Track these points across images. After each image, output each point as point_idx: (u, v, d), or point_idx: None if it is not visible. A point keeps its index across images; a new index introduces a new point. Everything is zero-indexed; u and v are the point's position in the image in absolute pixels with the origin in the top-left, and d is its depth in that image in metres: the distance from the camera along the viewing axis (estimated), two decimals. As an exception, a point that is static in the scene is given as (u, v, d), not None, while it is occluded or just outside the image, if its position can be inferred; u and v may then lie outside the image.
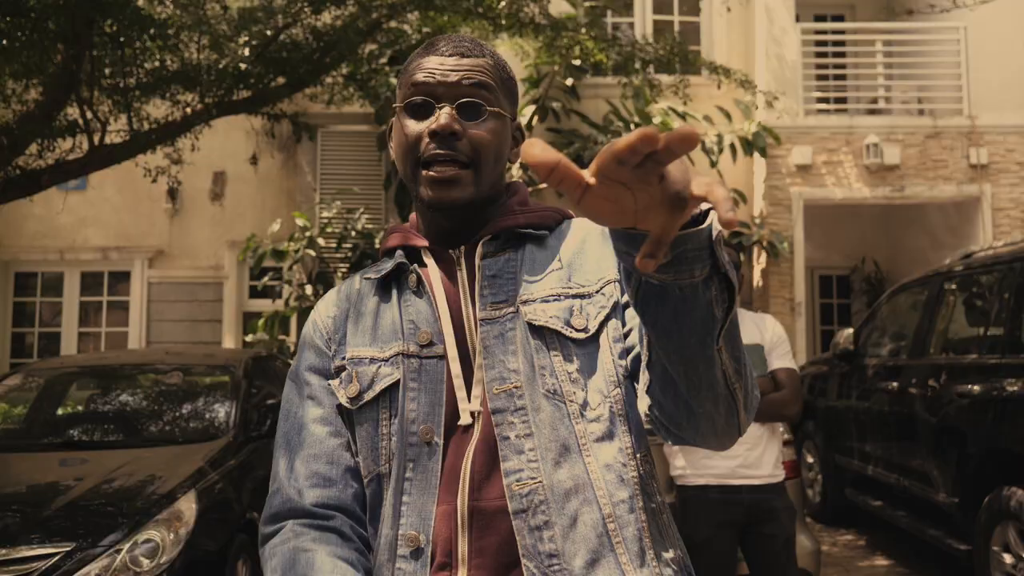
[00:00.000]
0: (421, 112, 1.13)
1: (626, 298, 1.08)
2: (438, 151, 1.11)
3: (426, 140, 1.11)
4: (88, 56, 5.05)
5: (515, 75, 1.26)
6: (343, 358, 1.18)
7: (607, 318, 1.12)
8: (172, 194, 7.02)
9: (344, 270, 8.78)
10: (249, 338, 8.80)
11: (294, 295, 8.81)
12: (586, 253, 1.16)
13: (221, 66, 5.23)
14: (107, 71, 5.23)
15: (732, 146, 8.43)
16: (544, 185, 1.24)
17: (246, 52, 5.39)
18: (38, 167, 5.11)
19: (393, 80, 8.00)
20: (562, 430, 1.07)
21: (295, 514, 1.13)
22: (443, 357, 1.12)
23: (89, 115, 5.12)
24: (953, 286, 5.10)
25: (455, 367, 1.11)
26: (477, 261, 1.15)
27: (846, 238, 10.14)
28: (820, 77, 9.40)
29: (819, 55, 9.41)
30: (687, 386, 0.96)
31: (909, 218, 9.91)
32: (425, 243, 1.19)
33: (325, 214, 8.88)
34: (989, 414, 4.22)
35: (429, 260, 1.18)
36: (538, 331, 1.10)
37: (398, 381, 1.13)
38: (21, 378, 5.27)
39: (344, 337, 1.19)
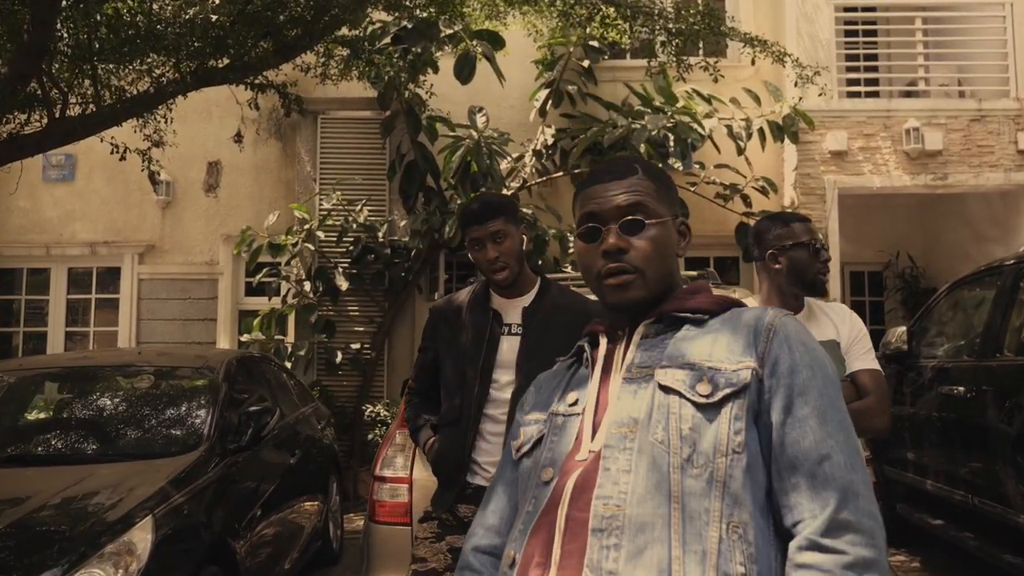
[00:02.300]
0: (592, 236, 1.35)
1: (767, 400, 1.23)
2: (610, 265, 1.32)
3: (600, 259, 1.33)
4: (53, 20, 4.48)
5: (670, 179, 1.45)
6: (522, 421, 1.44)
7: (734, 395, 1.21)
8: (153, 180, 6.46)
9: (345, 265, 8.23)
10: (244, 338, 8.26)
11: (292, 292, 8.27)
12: (738, 340, 1.26)
13: (190, 15, 4.60)
14: (69, 31, 4.64)
15: (761, 131, 7.83)
16: None
17: (216, 1, 4.75)
18: (-13, 141, 4.54)
19: (398, 61, 7.44)
20: (657, 474, 1.17)
21: (462, 565, 1.42)
22: (581, 414, 1.30)
23: (49, 85, 4.53)
24: (1031, 276, 4.47)
25: (588, 418, 1.28)
26: (635, 339, 1.32)
27: (879, 232, 9.50)
28: (853, 57, 8.77)
29: (851, 34, 8.78)
30: None
31: (948, 209, 9.26)
32: (602, 328, 1.40)
33: (325, 205, 8.33)
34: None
35: (603, 340, 1.37)
36: (665, 390, 1.23)
37: (544, 435, 1.34)
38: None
39: (530, 401, 1.46)
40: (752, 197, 7.95)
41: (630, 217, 1.33)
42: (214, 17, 4.64)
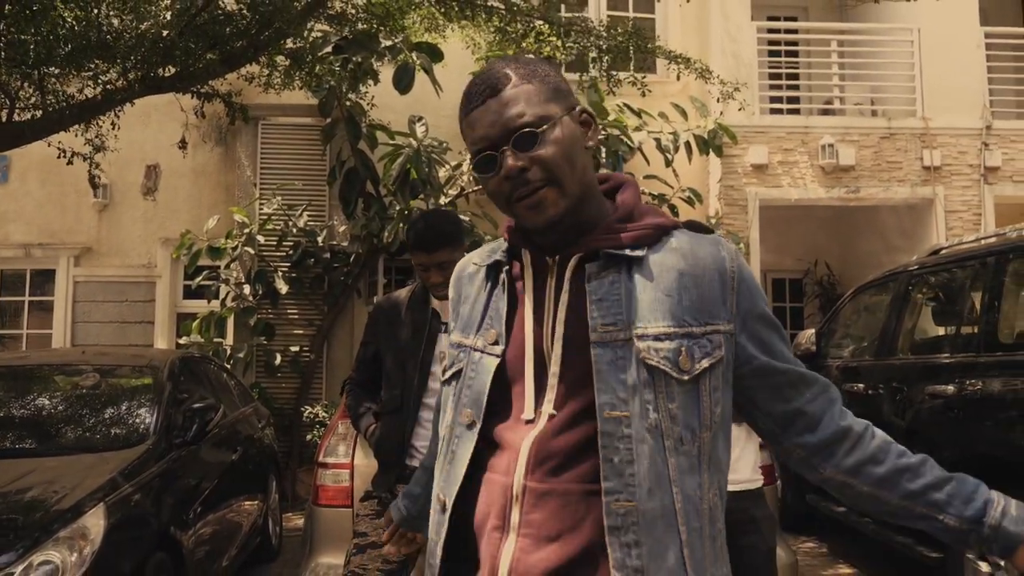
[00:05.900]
0: (489, 165, 1.25)
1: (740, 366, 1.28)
2: (519, 189, 1.24)
3: (506, 184, 1.25)
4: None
5: (553, 71, 1.31)
6: (451, 340, 1.40)
7: (710, 368, 1.23)
8: (93, 183, 6.50)
9: (284, 269, 8.36)
10: (183, 341, 8.31)
11: (231, 295, 8.36)
12: (692, 287, 1.24)
13: (142, 29, 4.74)
14: (13, 36, 4.70)
15: (688, 144, 8.24)
16: None
17: (168, 17, 4.91)
18: (-70, 145, 4.58)
19: (339, 70, 7.62)
20: (659, 462, 1.19)
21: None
22: (500, 357, 1.28)
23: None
24: (921, 283, 4.92)
25: (529, 368, 1.26)
26: (568, 273, 1.26)
27: (799, 241, 10.04)
28: (775, 76, 9.28)
29: (774, 54, 9.29)
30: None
31: (862, 221, 9.84)
32: (526, 247, 1.32)
33: (265, 210, 8.45)
34: (964, 416, 4.03)
35: (526, 260, 1.31)
36: (649, 369, 1.20)
37: (462, 369, 1.33)
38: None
39: (456, 318, 1.41)
40: (679, 207, 8.34)
41: (520, 132, 1.22)
42: (165, 32, 4.77)
